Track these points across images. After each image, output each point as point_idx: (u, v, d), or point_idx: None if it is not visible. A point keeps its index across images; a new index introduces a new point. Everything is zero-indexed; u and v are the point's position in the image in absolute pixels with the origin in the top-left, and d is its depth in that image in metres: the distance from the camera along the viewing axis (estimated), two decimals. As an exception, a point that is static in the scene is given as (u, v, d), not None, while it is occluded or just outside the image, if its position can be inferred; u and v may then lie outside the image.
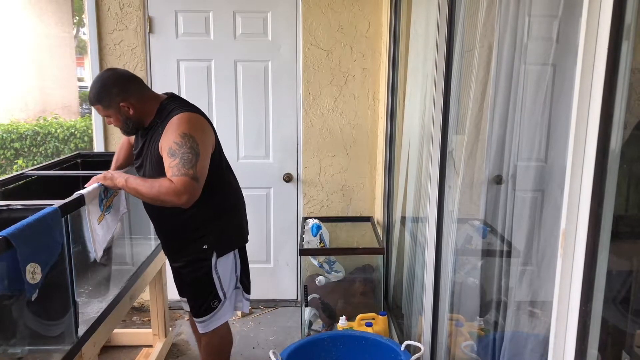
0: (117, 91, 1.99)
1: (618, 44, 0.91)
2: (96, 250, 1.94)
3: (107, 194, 2.05)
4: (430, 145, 2.08)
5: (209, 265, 2.13)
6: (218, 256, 2.14)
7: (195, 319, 2.24)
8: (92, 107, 2.13)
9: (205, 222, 2.12)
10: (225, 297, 2.19)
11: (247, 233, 2.33)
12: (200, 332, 2.24)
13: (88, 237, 1.92)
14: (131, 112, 2.02)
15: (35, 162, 6.85)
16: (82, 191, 1.88)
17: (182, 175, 1.86)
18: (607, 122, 0.93)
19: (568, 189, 1.01)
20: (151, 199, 1.93)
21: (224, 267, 2.17)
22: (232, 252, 2.20)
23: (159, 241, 2.86)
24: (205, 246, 2.12)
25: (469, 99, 1.77)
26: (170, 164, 1.89)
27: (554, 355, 1.07)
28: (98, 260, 1.98)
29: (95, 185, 1.98)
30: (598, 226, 0.97)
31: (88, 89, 2.13)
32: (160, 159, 1.96)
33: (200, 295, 2.18)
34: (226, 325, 2.29)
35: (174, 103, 2.07)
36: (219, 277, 2.15)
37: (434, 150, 2.03)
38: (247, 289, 2.31)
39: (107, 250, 2.12)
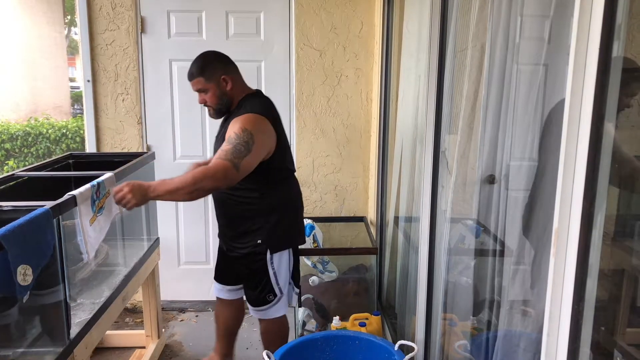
0: (220, 65, 2.19)
1: (609, 44, 0.91)
2: (88, 252, 1.93)
3: (99, 194, 2.04)
4: (423, 145, 2.08)
5: (264, 260, 2.22)
6: (272, 252, 2.23)
7: (251, 307, 2.34)
8: (190, 82, 2.22)
9: (259, 215, 2.21)
10: (281, 292, 2.30)
11: (302, 234, 2.41)
12: (260, 318, 2.35)
13: (80, 239, 1.91)
14: (229, 87, 2.17)
15: (27, 163, 6.80)
16: (74, 192, 1.87)
17: (227, 160, 1.94)
18: (599, 122, 0.94)
19: (560, 189, 1.01)
20: (189, 191, 1.91)
21: (279, 263, 2.26)
22: (288, 250, 2.28)
23: (151, 242, 2.85)
24: (259, 240, 2.22)
25: (462, 98, 1.78)
26: (223, 148, 1.99)
27: (547, 354, 1.07)
28: (90, 262, 1.97)
29: (88, 186, 1.97)
30: (590, 225, 0.97)
31: (79, 89, 2.13)
32: None
33: (256, 287, 2.28)
34: (282, 319, 2.39)
35: (255, 100, 2.22)
36: (274, 273, 2.25)
37: (427, 150, 2.04)
38: (297, 283, 2.42)
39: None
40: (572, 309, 1.00)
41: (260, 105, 2.19)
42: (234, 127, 2.03)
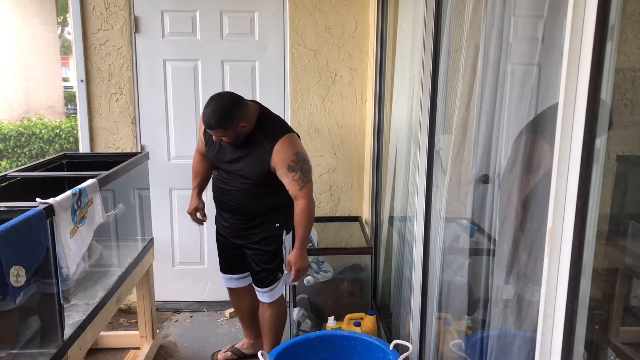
0: (237, 114, 2.29)
1: (602, 44, 0.92)
2: (68, 267, 1.80)
3: (80, 204, 1.90)
4: (418, 145, 2.08)
5: (280, 240, 2.52)
6: (287, 233, 2.54)
7: (261, 290, 2.59)
8: (212, 131, 2.34)
9: (278, 207, 2.51)
10: (285, 270, 2.55)
11: None
12: (267, 302, 2.60)
13: (59, 252, 1.77)
14: (245, 129, 2.34)
15: (20, 164, 6.75)
16: (50, 200, 1.71)
17: (307, 184, 2.38)
18: (593, 121, 0.94)
19: (554, 188, 1.01)
20: (310, 223, 2.45)
21: (288, 244, 2.56)
22: (291, 232, 2.55)
23: (145, 242, 2.84)
24: (277, 224, 2.52)
25: (456, 98, 1.78)
26: (294, 177, 2.35)
27: (541, 352, 1.08)
28: (71, 277, 1.86)
29: (68, 194, 1.84)
30: (584, 225, 0.98)
31: (73, 89, 2.10)
32: (267, 172, 2.37)
33: (269, 267, 2.54)
34: (283, 297, 2.68)
35: (270, 120, 2.46)
36: (285, 251, 2.54)
37: (422, 149, 2.04)
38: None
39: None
40: (566, 308, 1.01)
41: (279, 122, 2.49)
42: (287, 155, 2.33)
